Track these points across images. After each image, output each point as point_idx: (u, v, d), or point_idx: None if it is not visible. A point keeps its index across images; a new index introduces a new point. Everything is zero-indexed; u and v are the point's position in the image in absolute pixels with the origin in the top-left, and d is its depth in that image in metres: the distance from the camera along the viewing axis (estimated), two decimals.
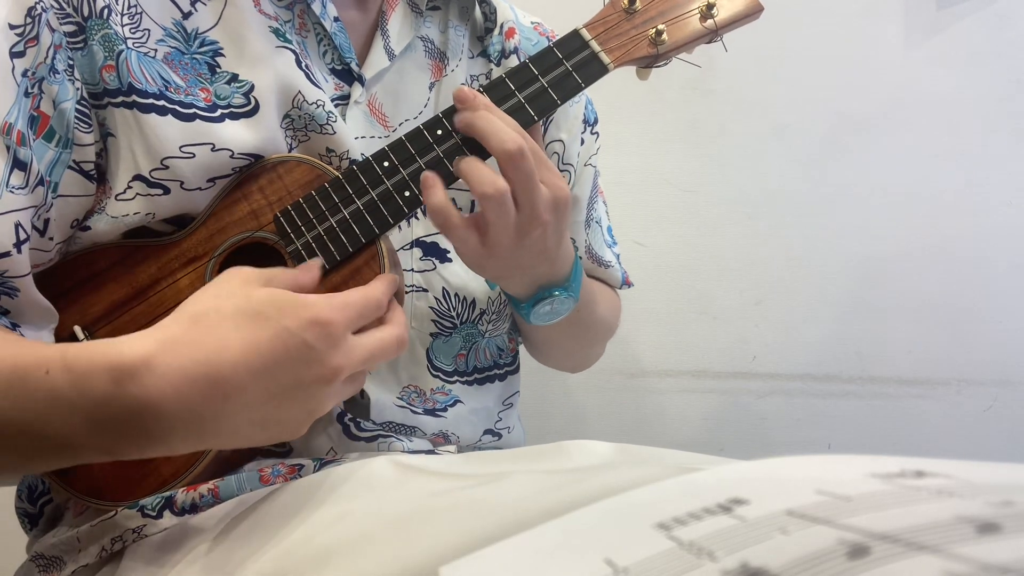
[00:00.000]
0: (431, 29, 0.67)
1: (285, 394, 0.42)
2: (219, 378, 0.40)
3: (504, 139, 0.50)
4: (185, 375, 0.39)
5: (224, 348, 0.41)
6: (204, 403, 0.40)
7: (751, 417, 1.20)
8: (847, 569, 0.17)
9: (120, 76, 0.53)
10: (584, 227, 0.75)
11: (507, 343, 0.72)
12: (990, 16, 1.14)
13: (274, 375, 0.42)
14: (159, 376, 0.39)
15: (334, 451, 0.59)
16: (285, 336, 0.42)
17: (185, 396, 0.39)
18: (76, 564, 0.54)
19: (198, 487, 0.53)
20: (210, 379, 0.40)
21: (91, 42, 0.53)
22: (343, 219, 0.55)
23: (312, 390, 0.43)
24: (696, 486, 0.25)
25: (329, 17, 0.61)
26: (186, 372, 0.40)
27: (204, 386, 0.40)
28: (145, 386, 0.39)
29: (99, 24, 0.53)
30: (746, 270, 1.18)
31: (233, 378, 0.40)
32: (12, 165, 0.50)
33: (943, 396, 1.20)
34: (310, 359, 0.42)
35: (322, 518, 0.43)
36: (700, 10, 0.57)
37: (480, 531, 0.37)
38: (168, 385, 0.39)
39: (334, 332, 0.43)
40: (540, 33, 0.72)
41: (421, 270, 0.64)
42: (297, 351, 0.42)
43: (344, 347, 0.44)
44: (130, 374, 0.39)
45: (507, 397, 0.72)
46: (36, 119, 0.52)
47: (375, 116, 0.63)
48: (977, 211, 1.17)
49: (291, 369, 0.42)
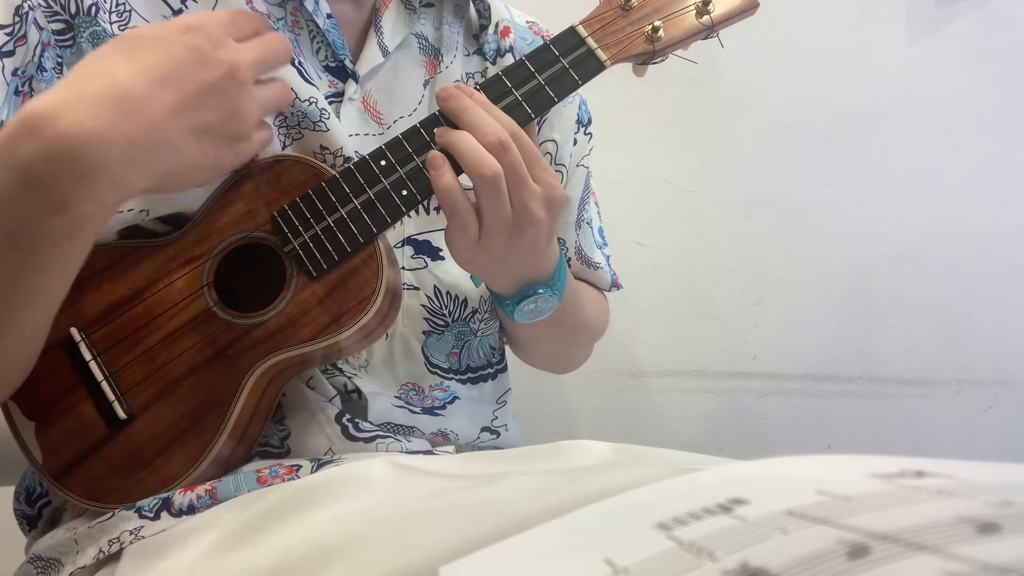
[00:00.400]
0: (425, 26, 0.67)
1: (200, 97, 0.44)
2: (124, 92, 0.42)
3: (487, 132, 0.51)
4: (92, 100, 0.41)
5: (117, 69, 0.43)
6: (122, 118, 0.42)
7: (751, 417, 1.20)
8: (847, 569, 0.17)
9: None
10: (575, 228, 0.75)
11: (498, 342, 0.72)
12: (990, 15, 1.14)
13: (175, 81, 0.44)
14: (70, 109, 0.41)
15: (332, 452, 0.59)
16: (165, 46, 0.44)
17: (100, 116, 0.41)
18: (74, 566, 0.54)
19: (195, 488, 0.53)
20: (116, 95, 0.42)
21: (80, 40, 0.53)
22: (340, 219, 0.55)
23: (224, 87, 0.45)
24: (696, 486, 0.25)
25: (322, 14, 0.61)
26: (91, 98, 0.41)
27: (114, 102, 0.42)
28: (61, 123, 0.40)
29: (87, 21, 0.53)
30: (746, 270, 1.18)
31: (137, 88, 0.43)
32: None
33: (943, 396, 1.20)
34: (200, 59, 0.45)
35: (320, 519, 0.43)
36: (696, 6, 0.57)
37: (479, 531, 0.37)
38: (81, 113, 0.41)
39: (211, 32, 0.46)
40: (535, 32, 0.72)
41: (413, 268, 0.64)
42: (184, 55, 0.44)
43: (229, 45, 0.46)
44: (43, 119, 0.41)
45: (500, 395, 0.72)
46: None
47: (369, 113, 0.63)
48: (977, 211, 1.17)
49: (188, 73, 0.44)
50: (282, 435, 0.60)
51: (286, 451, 0.60)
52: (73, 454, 0.54)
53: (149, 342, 0.55)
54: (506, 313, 0.62)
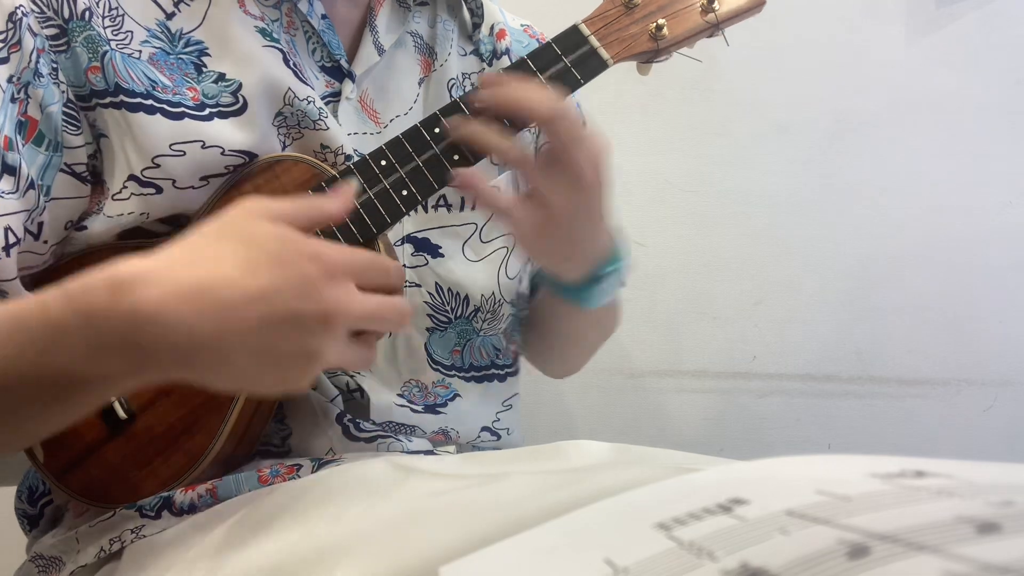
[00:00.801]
0: (420, 24, 0.67)
1: (283, 326, 0.41)
2: (214, 292, 0.40)
3: (543, 99, 0.51)
4: (180, 286, 0.40)
5: (220, 266, 0.41)
6: (198, 315, 0.39)
7: (751, 417, 1.20)
8: (847, 569, 0.17)
9: (106, 77, 0.53)
10: None
11: (503, 343, 0.71)
12: (990, 15, 1.14)
13: (270, 301, 0.41)
14: (154, 285, 0.39)
15: (333, 451, 0.59)
16: (283, 265, 0.41)
17: (179, 306, 0.39)
18: (75, 564, 0.54)
19: (196, 487, 0.53)
20: (204, 292, 0.40)
21: (74, 44, 0.53)
22: None
23: (311, 327, 0.42)
24: (696, 486, 0.25)
25: (316, 15, 0.61)
26: (181, 284, 0.40)
27: (199, 298, 0.40)
28: (141, 295, 0.39)
29: (81, 26, 0.53)
30: (746, 270, 1.18)
31: (227, 294, 0.40)
32: (1, 171, 0.50)
33: (943, 396, 1.20)
34: (307, 292, 0.42)
35: (321, 518, 0.43)
36: (701, 4, 0.57)
37: (479, 531, 0.37)
38: (163, 294, 0.39)
39: (333, 270, 0.43)
40: (530, 35, 0.73)
41: (413, 266, 0.64)
42: (295, 280, 0.41)
43: (343, 287, 0.43)
44: (127, 285, 0.39)
45: (506, 399, 0.72)
46: (24, 124, 0.52)
47: (366, 112, 0.63)
48: (977, 211, 1.17)
49: (288, 298, 0.41)
50: (283, 434, 0.60)
51: (287, 450, 0.60)
52: (74, 453, 0.54)
53: None
54: (581, 302, 0.62)
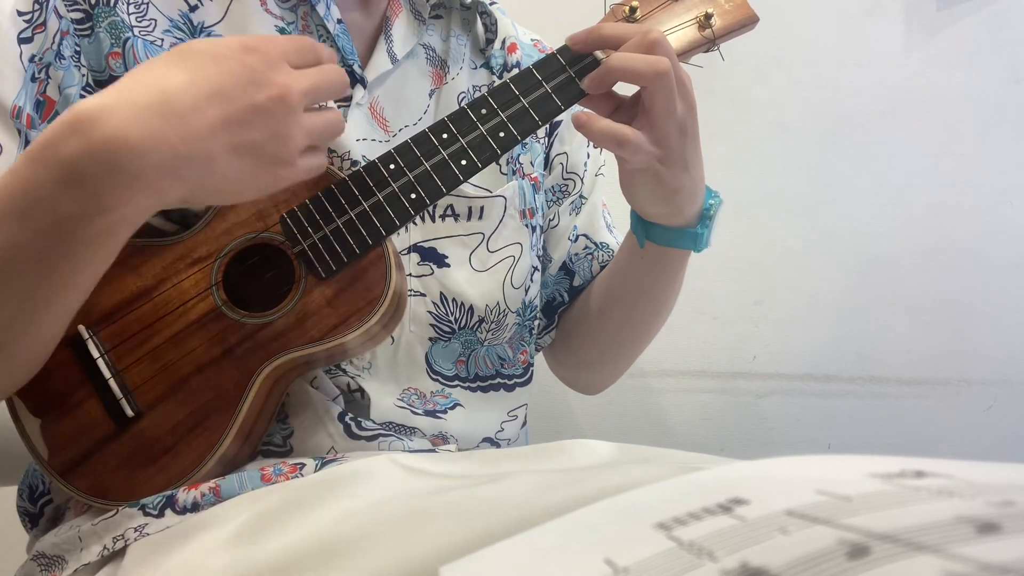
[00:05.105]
0: (433, 37, 0.68)
1: (246, 117, 0.44)
2: (172, 102, 0.42)
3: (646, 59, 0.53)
4: (139, 106, 0.41)
5: (169, 79, 0.43)
6: (167, 127, 0.41)
7: (751, 417, 1.20)
8: (847, 569, 0.17)
9: (126, 63, 0.54)
10: (608, 231, 0.78)
11: (508, 353, 0.71)
12: (990, 16, 1.14)
13: (225, 96, 0.43)
14: (115, 111, 0.41)
15: (335, 450, 0.59)
16: (224, 60, 0.44)
17: (146, 124, 0.41)
18: (78, 563, 0.54)
19: (199, 486, 0.53)
20: (164, 105, 0.42)
21: (98, 29, 0.54)
22: (349, 221, 0.55)
23: (272, 110, 0.45)
24: (696, 486, 0.25)
25: (333, 19, 0.61)
26: (139, 104, 0.41)
27: (160, 111, 0.42)
28: (108, 124, 0.40)
29: (106, 11, 0.54)
30: (746, 270, 1.18)
31: (184, 100, 0.42)
32: (24, 147, 0.51)
33: (943, 396, 1.20)
34: (255, 80, 0.44)
35: (324, 516, 0.43)
36: (698, 20, 0.59)
37: (480, 531, 0.37)
38: (127, 117, 0.41)
39: (269, 55, 0.45)
40: (540, 50, 0.74)
41: (419, 275, 0.64)
42: (240, 72, 0.44)
43: (284, 69, 0.46)
44: (89, 122, 0.40)
45: (513, 408, 0.71)
46: (42, 104, 0.53)
47: (376, 120, 0.63)
48: (977, 211, 1.17)
49: (240, 90, 0.44)
50: (285, 434, 0.60)
51: (289, 450, 0.60)
52: (79, 451, 0.54)
53: (157, 340, 0.55)
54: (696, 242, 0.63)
